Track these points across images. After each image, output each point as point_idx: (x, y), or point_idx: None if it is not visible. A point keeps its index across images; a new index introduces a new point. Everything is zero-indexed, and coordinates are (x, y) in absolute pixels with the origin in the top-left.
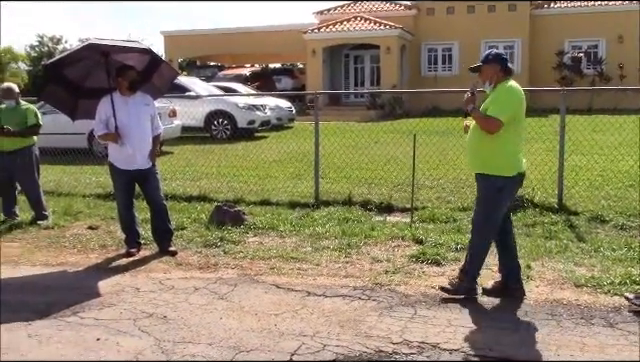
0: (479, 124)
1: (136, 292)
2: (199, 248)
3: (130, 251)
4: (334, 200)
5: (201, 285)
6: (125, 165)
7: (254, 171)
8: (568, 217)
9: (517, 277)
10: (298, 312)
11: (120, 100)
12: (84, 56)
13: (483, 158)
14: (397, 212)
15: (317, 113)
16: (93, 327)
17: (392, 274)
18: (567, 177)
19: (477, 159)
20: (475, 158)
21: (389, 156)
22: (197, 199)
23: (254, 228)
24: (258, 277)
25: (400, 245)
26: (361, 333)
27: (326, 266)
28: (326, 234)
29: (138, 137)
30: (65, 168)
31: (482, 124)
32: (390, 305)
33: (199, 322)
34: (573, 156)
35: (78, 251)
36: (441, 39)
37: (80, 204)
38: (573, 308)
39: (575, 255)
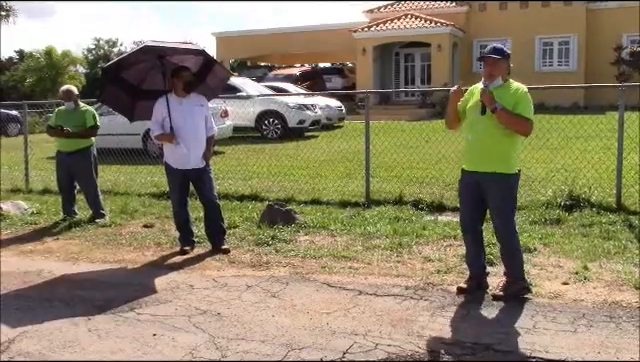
0: (512, 124)
1: (190, 289)
2: (251, 246)
3: (184, 249)
4: (385, 199)
5: (253, 283)
6: (180, 165)
7: (305, 170)
8: (627, 217)
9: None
10: (350, 311)
11: (175, 101)
12: (141, 59)
13: (502, 157)
14: (449, 211)
15: (368, 112)
16: (149, 323)
17: (444, 274)
18: (626, 176)
19: (495, 158)
20: (492, 157)
21: (440, 155)
22: (249, 198)
23: (305, 227)
24: (309, 275)
25: (452, 244)
26: (413, 333)
27: (377, 265)
28: (377, 233)
29: (192, 137)
30: (121, 168)
31: (519, 125)
32: (442, 305)
33: (252, 319)
34: (632, 154)
35: (134, 248)
36: (493, 36)
37: (135, 203)
38: (633, 311)
39: (635, 256)
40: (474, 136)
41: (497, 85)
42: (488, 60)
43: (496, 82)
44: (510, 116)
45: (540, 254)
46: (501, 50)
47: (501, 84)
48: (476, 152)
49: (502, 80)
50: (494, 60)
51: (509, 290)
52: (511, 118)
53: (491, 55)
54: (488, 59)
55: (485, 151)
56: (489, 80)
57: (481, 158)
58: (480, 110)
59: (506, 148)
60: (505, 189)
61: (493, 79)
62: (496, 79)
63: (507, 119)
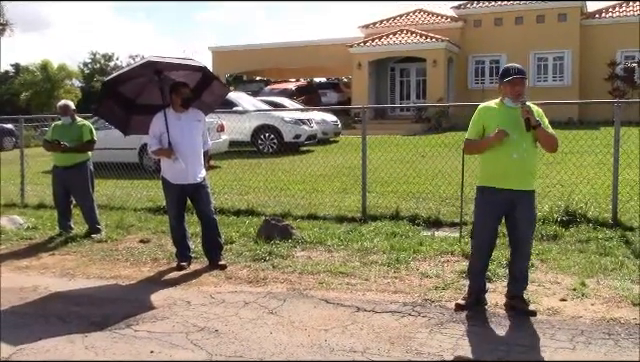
0: (549, 141)
1: (187, 305)
2: (248, 262)
3: (181, 264)
4: (381, 214)
5: (251, 299)
6: (177, 179)
7: (301, 185)
8: (623, 232)
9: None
10: (348, 328)
11: (173, 116)
12: (140, 73)
13: (534, 174)
14: (445, 227)
15: (365, 127)
16: (146, 340)
17: (442, 290)
18: (621, 191)
19: (532, 176)
20: (531, 175)
21: (436, 170)
22: (245, 213)
23: (302, 242)
24: (307, 292)
25: (449, 260)
26: (412, 350)
27: (375, 281)
28: (374, 249)
29: (190, 152)
30: (117, 182)
31: (554, 142)
32: (441, 321)
33: (250, 336)
34: (627, 170)
35: (131, 264)
36: (488, 51)
37: (132, 218)
38: (631, 327)
39: (632, 272)
40: (520, 155)
41: (519, 103)
42: (519, 81)
43: (523, 99)
44: (548, 133)
45: (538, 270)
46: (524, 70)
47: (523, 102)
48: (519, 171)
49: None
50: (523, 80)
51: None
52: (549, 135)
53: (522, 76)
54: (520, 79)
55: (527, 169)
56: (519, 99)
57: (522, 177)
58: (525, 127)
59: (537, 164)
60: (534, 205)
61: (523, 97)
62: (524, 98)
63: (546, 136)
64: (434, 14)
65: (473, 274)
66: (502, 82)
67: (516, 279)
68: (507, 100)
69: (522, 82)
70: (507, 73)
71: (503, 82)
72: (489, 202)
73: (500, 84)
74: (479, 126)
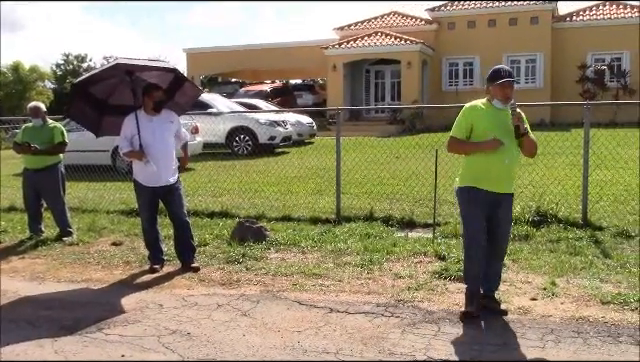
0: (532, 147)
1: (160, 308)
2: (221, 264)
3: (154, 267)
4: (355, 216)
5: (224, 301)
6: (149, 182)
7: (275, 187)
8: (593, 232)
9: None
10: (321, 329)
11: (145, 118)
12: (111, 74)
13: (515, 178)
14: (419, 228)
15: (339, 129)
16: (118, 344)
17: (415, 291)
18: (591, 192)
19: (514, 180)
20: (511, 179)
21: (410, 171)
22: (219, 215)
23: (276, 244)
24: (280, 293)
25: (422, 261)
26: (384, 350)
27: (348, 282)
28: (348, 250)
29: (162, 155)
30: (89, 185)
31: (535, 148)
32: (413, 322)
33: (222, 339)
34: (597, 170)
35: (102, 267)
36: (462, 53)
37: (104, 220)
38: (600, 326)
39: (601, 271)
40: (510, 160)
41: (508, 106)
42: (510, 83)
43: (511, 103)
44: (532, 140)
45: (509, 270)
46: (513, 73)
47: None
48: (508, 175)
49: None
50: (512, 83)
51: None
52: (533, 141)
53: (513, 79)
54: (510, 83)
55: (513, 174)
56: (508, 102)
57: (509, 180)
58: (515, 133)
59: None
60: (510, 209)
61: (512, 100)
62: (512, 101)
63: (530, 143)
64: (408, 16)
65: (472, 278)
66: (492, 84)
67: (490, 279)
68: (496, 102)
69: (512, 85)
70: (498, 75)
71: (493, 84)
72: (476, 201)
73: (489, 86)
74: (467, 126)
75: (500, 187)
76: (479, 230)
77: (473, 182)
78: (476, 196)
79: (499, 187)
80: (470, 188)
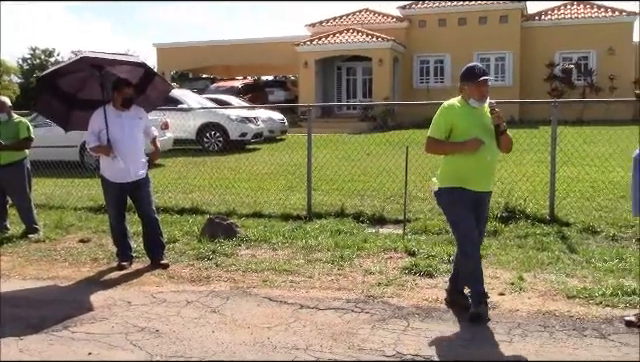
0: (507, 145)
1: (128, 306)
2: (191, 261)
3: (122, 264)
4: (326, 212)
5: (193, 298)
6: (117, 178)
7: (246, 183)
8: (560, 228)
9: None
10: (291, 325)
11: (113, 113)
12: (78, 68)
13: (494, 176)
14: (390, 224)
15: (310, 125)
16: (84, 342)
17: (385, 286)
18: (558, 188)
19: (493, 178)
20: (492, 177)
21: (381, 168)
22: (189, 212)
23: (246, 241)
24: (250, 290)
25: (392, 257)
26: (354, 346)
27: (319, 278)
28: (318, 246)
29: (130, 151)
30: (57, 181)
31: (510, 145)
32: (383, 317)
33: (191, 336)
34: (564, 167)
35: (70, 264)
36: (433, 51)
37: (71, 217)
38: (565, 320)
39: (567, 266)
40: (492, 158)
41: (482, 104)
42: (485, 82)
43: (485, 101)
44: (510, 137)
45: None
46: (487, 71)
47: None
48: (490, 173)
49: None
50: (487, 81)
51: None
52: (510, 139)
53: (488, 76)
54: (486, 81)
55: (493, 172)
56: (483, 100)
57: (491, 179)
58: (495, 132)
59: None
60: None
61: (486, 98)
62: (485, 98)
63: (508, 140)
64: (380, 14)
65: (473, 276)
66: (467, 83)
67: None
68: (472, 101)
69: (487, 83)
70: (473, 74)
71: (469, 83)
72: (462, 201)
73: (463, 84)
74: (446, 126)
75: (483, 185)
76: (471, 228)
77: (457, 182)
78: (462, 196)
79: (482, 186)
80: (454, 189)
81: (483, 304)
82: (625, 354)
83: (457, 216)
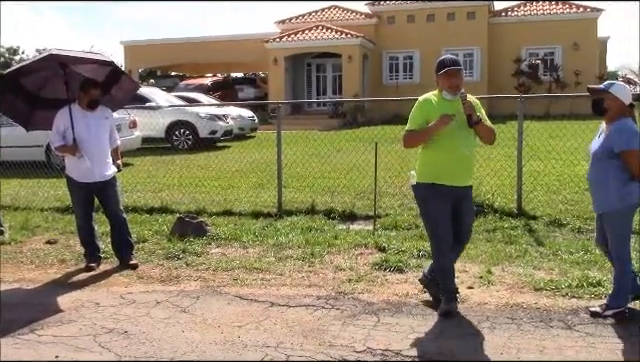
0: (487, 136)
1: (96, 307)
2: (161, 261)
3: (90, 265)
4: (297, 209)
5: (163, 298)
6: (83, 178)
7: (216, 181)
8: (527, 222)
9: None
10: (262, 323)
11: (79, 113)
12: (43, 66)
13: (473, 171)
14: (360, 220)
15: (280, 123)
16: (51, 345)
17: (355, 282)
18: (526, 182)
19: (471, 171)
20: (470, 171)
21: (352, 164)
22: (159, 211)
23: (217, 239)
24: (221, 289)
25: (363, 253)
26: (324, 342)
27: (289, 276)
28: (289, 244)
29: (96, 150)
30: (22, 182)
31: (493, 136)
32: (353, 313)
33: (161, 336)
34: (531, 161)
35: (36, 266)
36: (402, 47)
37: (38, 218)
38: (532, 311)
39: (534, 259)
40: (468, 151)
41: (457, 96)
42: (456, 72)
43: (461, 94)
44: (487, 127)
45: None
46: (459, 61)
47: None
48: (467, 166)
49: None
50: (459, 71)
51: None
52: (488, 129)
53: (457, 67)
54: (456, 71)
55: (471, 165)
56: (457, 92)
57: (469, 172)
58: (467, 123)
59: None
60: (471, 200)
61: (461, 90)
62: (462, 91)
63: (486, 130)
64: (349, 10)
65: (445, 274)
66: (438, 74)
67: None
68: (445, 93)
69: (458, 73)
70: (442, 65)
71: (439, 74)
72: (439, 197)
73: (436, 77)
74: (422, 119)
75: (460, 180)
76: (445, 226)
77: (433, 178)
78: (438, 192)
79: (459, 180)
80: (430, 185)
81: (454, 301)
82: (590, 344)
83: (431, 212)
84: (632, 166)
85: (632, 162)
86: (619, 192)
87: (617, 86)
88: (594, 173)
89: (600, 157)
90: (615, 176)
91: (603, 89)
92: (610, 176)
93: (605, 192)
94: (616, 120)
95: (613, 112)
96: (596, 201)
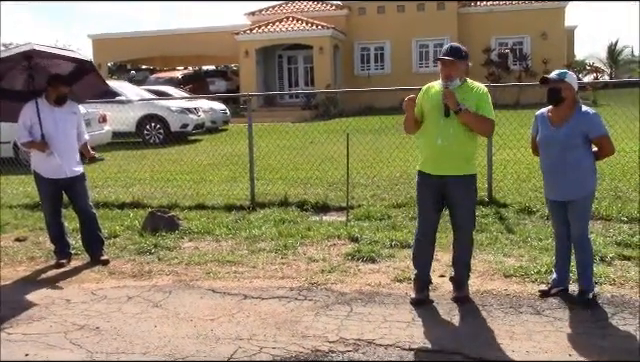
0: (477, 126)
1: (67, 304)
2: (132, 256)
3: (60, 262)
4: (270, 202)
5: (135, 293)
6: (51, 174)
7: (188, 175)
8: (498, 209)
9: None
10: (234, 316)
11: (47, 107)
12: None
13: (468, 160)
14: (333, 211)
15: (250, 115)
16: (21, 343)
17: (328, 273)
18: (496, 171)
19: (463, 162)
20: (461, 161)
21: (324, 156)
22: (130, 206)
23: (189, 233)
24: (194, 283)
25: (336, 244)
26: (297, 333)
27: (262, 268)
28: (262, 236)
29: (64, 146)
30: None
31: (482, 126)
32: (326, 304)
33: (133, 331)
34: (501, 150)
35: (5, 264)
36: (373, 38)
37: (7, 215)
38: (502, 298)
39: (504, 246)
40: (445, 141)
41: (455, 85)
42: (445, 62)
43: (454, 83)
44: (474, 117)
45: None
46: (457, 50)
47: (459, 84)
48: (446, 157)
49: (460, 81)
50: (450, 62)
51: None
52: (475, 119)
53: (445, 57)
54: (444, 61)
55: (455, 155)
56: (448, 81)
57: (450, 163)
58: (443, 112)
59: (471, 150)
60: (473, 190)
61: (451, 80)
62: (454, 80)
63: (471, 120)
64: (319, 1)
65: (418, 264)
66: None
67: (454, 264)
68: (440, 81)
69: (449, 63)
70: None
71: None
72: (423, 185)
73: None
74: (418, 107)
75: (440, 169)
76: (425, 213)
77: (420, 166)
78: (422, 180)
79: (440, 169)
80: (419, 171)
81: (426, 290)
82: (559, 328)
83: (419, 201)
84: (607, 150)
85: (608, 147)
86: (592, 178)
87: (570, 75)
88: (560, 161)
89: (568, 144)
90: (587, 163)
91: (559, 79)
92: (583, 163)
93: (577, 179)
94: (576, 108)
95: (569, 100)
96: (563, 188)
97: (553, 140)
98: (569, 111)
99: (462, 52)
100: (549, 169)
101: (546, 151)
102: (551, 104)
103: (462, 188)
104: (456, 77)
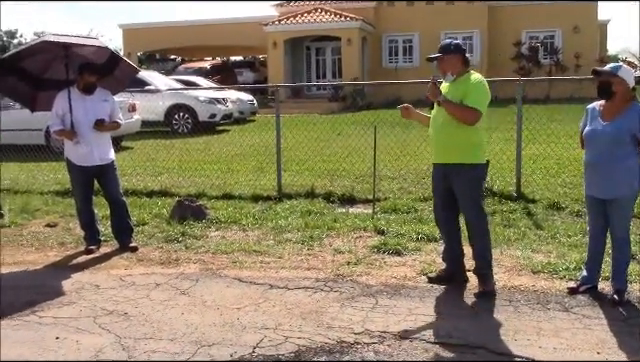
0: (456, 115)
1: (96, 289)
2: (160, 243)
3: (90, 248)
4: (297, 193)
5: (162, 281)
6: (82, 161)
7: (216, 165)
8: (526, 205)
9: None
10: (260, 305)
11: (78, 96)
12: (43, 49)
13: (461, 149)
14: (359, 203)
15: (278, 106)
16: (52, 326)
17: (354, 265)
18: (525, 166)
19: (454, 150)
20: (451, 150)
21: (351, 148)
22: (158, 194)
23: (216, 222)
24: (220, 271)
25: (362, 236)
26: (323, 324)
27: (288, 259)
28: (289, 227)
29: (95, 134)
30: (22, 165)
31: (461, 115)
32: (352, 296)
33: (160, 318)
34: (530, 145)
35: (36, 249)
36: (401, 30)
37: (38, 201)
38: (530, 294)
39: (532, 242)
40: (434, 130)
41: (449, 80)
42: (438, 57)
43: (448, 77)
44: (452, 107)
45: None
46: (446, 46)
47: (452, 78)
48: (439, 145)
49: (452, 74)
50: (441, 58)
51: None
52: (454, 108)
53: (431, 56)
54: (432, 60)
55: (446, 143)
56: (446, 75)
57: (445, 151)
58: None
59: (467, 139)
60: (472, 179)
61: (447, 74)
62: (447, 75)
63: (450, 109)
64: None
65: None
66: None
67: (472, 257)
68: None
69: (439, 59)
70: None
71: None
72: (434, 171)
73: None
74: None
75: (438, 157)
76: (436, 201)
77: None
78: (434, 170)
79: (438, 158)
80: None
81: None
82: (587, 326)
83: (433, 194)
84: None
85: None
86: (637, 178)
87: (624, 69)
88: (604, 157)
89: (614, 141)
90: (633, 162)
91: (611, 72)
92: (628, 161)
93: (622, 177)
94: (630, 104)
95: (620, 95)
96: (607, 186)
97: (599, 135)
98: (621, 106)
99: (451, 46)
100: (593, 165)
101: (591, 146)
102: (601, 98)
103: (459, 177)
104: (449, 71)
